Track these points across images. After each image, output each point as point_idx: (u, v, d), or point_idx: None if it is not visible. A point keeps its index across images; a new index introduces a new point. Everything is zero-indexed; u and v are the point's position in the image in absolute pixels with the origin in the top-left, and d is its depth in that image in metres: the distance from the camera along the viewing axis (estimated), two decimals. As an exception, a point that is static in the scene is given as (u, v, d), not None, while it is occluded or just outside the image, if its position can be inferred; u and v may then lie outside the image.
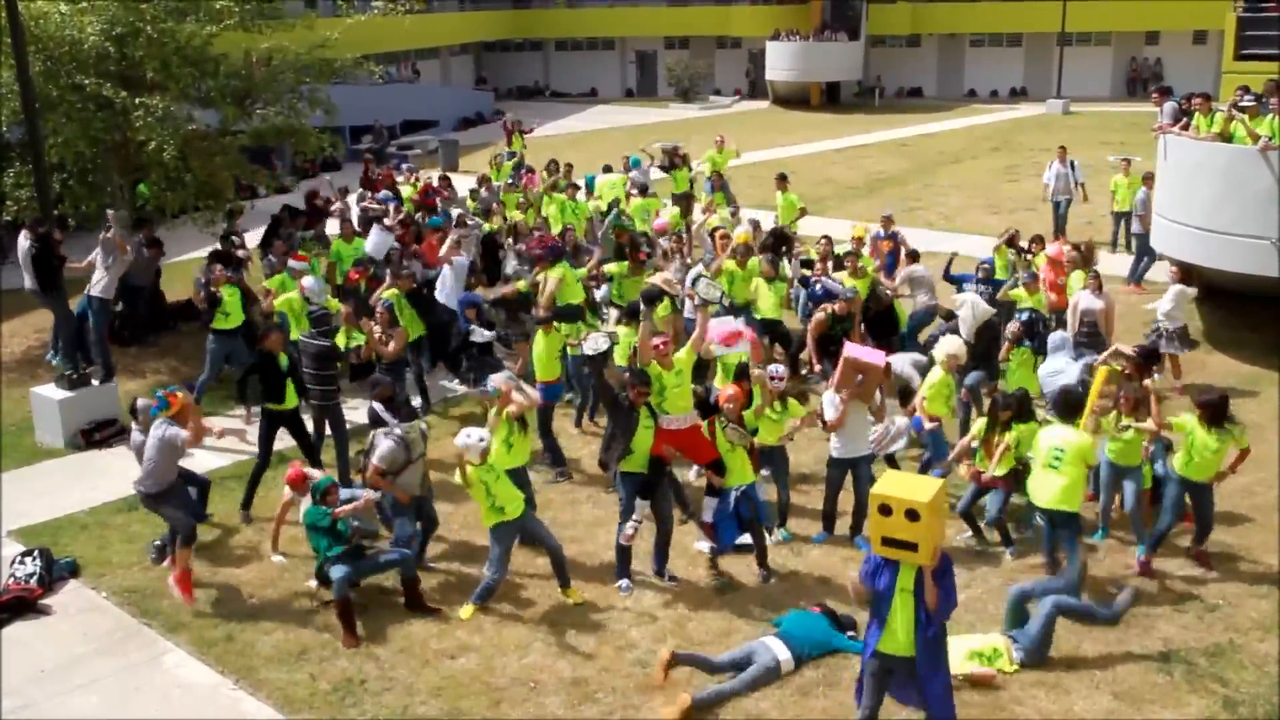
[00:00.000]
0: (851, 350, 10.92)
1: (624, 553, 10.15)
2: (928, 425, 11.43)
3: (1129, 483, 10.67)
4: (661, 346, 10.05)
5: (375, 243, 16.52)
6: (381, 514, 10.57)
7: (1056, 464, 9.47)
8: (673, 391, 10.14)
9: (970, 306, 13.30)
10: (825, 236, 16.88)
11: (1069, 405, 9.97)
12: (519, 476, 10.44)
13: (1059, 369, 12.05)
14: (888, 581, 7.35)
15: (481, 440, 9.54)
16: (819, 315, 13.93)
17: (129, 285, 16.38)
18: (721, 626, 9.50)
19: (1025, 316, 12.88)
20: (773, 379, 10.57)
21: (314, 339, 12.25)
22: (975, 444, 10.80)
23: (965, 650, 8.77)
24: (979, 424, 10.91)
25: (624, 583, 10.11)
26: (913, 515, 7.09)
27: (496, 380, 10.60)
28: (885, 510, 7.22)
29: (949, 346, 11.69)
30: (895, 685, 7.64)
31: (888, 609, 7.36)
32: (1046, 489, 9.52)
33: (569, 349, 13.24)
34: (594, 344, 11.22)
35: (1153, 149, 18.07)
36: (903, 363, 12.75)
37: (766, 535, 10.54)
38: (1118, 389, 10.73)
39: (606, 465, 10.27)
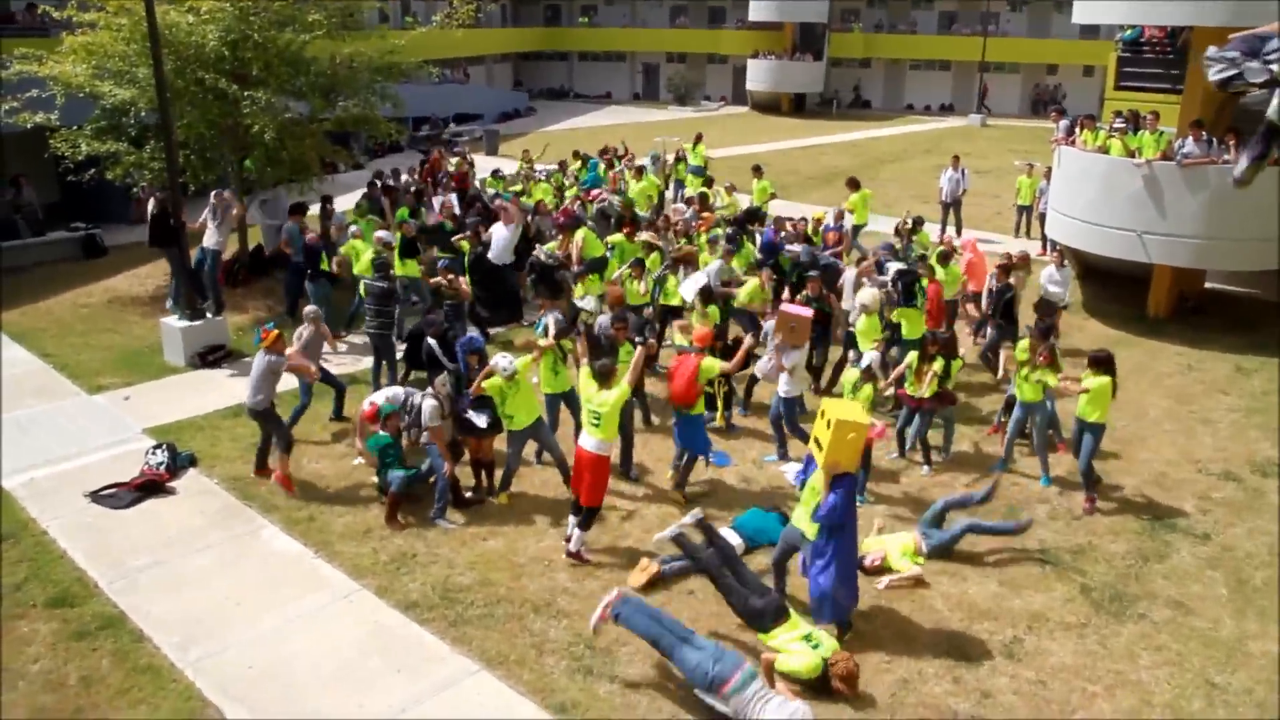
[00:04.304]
0: (786, 307, 10.89)
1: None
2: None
3: (1038, 418, 10.52)
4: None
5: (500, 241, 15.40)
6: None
7: None
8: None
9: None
10: (802, 218, 16.83)
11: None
12: (570, 400, 10.36)
13: None
14: (808, 473, 7.77)
15: (508, 363, 9.49)
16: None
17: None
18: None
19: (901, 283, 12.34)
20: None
21: (376, 281, 12.17)
22: (907, 372, 10.73)
23: (898, 548, 8.82)
24: (911, 355, 10.83)
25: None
26: (829, 425, 7.29)
27: (548, 320, 10.67)
28: (821, 413, 7.52)
29: (865, 297, 11.54)
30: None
31: (802, 495, 7.78)
32: None
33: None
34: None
35: (1050, 156, 18.01)
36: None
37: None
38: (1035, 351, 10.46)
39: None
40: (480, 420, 9.84)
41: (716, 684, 6.71)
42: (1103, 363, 9.78)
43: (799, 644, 7.14)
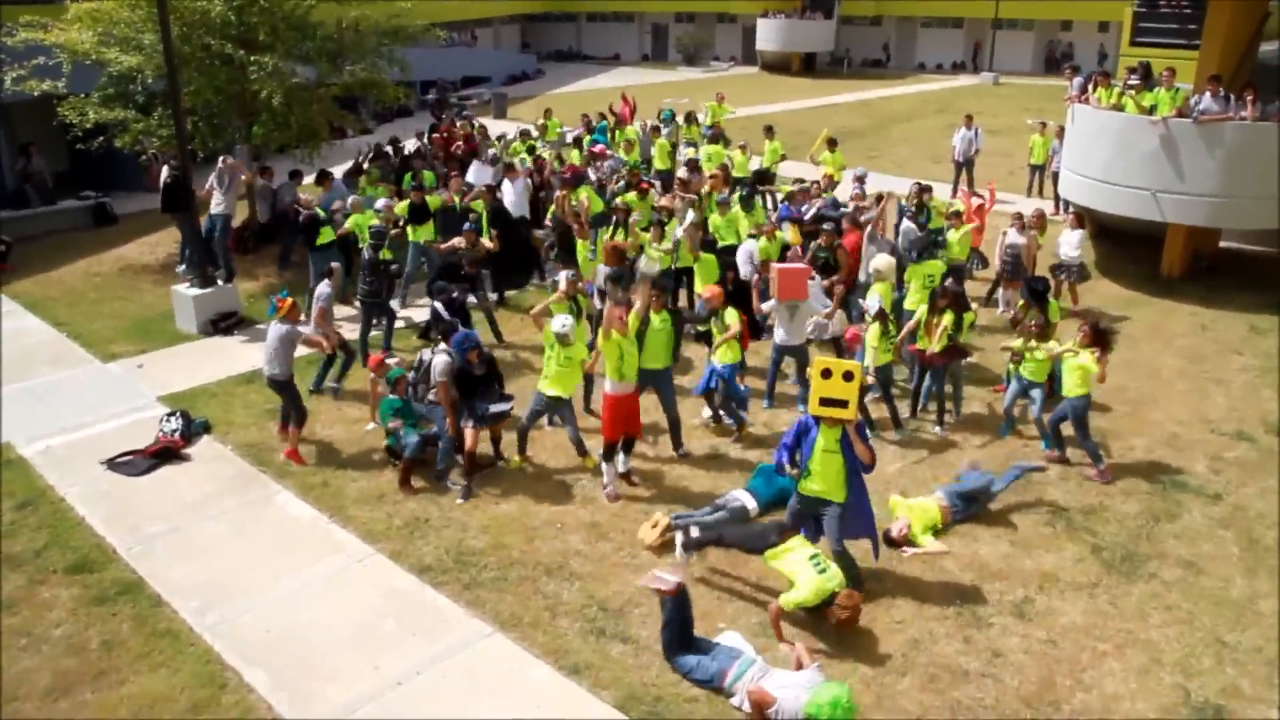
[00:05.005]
0: (775, 265, 11.15)
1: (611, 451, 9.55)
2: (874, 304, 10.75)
3: (1036, 393, 10.26)
4: (620, 321, 9.21)
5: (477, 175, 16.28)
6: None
7: None
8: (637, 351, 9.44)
9: (904, 236, 13.20)
10: (815, 182, 16.64)
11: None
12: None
13: None
14: (812, 440, 7.50)
15: (563, 327, 9.35)
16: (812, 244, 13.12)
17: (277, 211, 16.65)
18: (708, 485, 9.62)
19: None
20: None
21: (369, 247, 12.30)
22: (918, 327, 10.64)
23: (923, 520, 8.72)
24: (920, 309, 10.73)
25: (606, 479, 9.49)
26: (848, 376, 7.20)
27: (562, 277, 10.60)
28: (826, 373, 7.27)
29: (879, 263, 11.39)
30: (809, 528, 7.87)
31: (809, 462, 7.54)
32: None
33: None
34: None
35: (1063, 115, 17.80)
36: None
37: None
38: (1028, 319, 10.42)
39: None
40: (503, 406, 9.90)
41: (717, 680, 6.77)
42: (1100, 335, 9.54)
43: (805, 565, 7.24)
